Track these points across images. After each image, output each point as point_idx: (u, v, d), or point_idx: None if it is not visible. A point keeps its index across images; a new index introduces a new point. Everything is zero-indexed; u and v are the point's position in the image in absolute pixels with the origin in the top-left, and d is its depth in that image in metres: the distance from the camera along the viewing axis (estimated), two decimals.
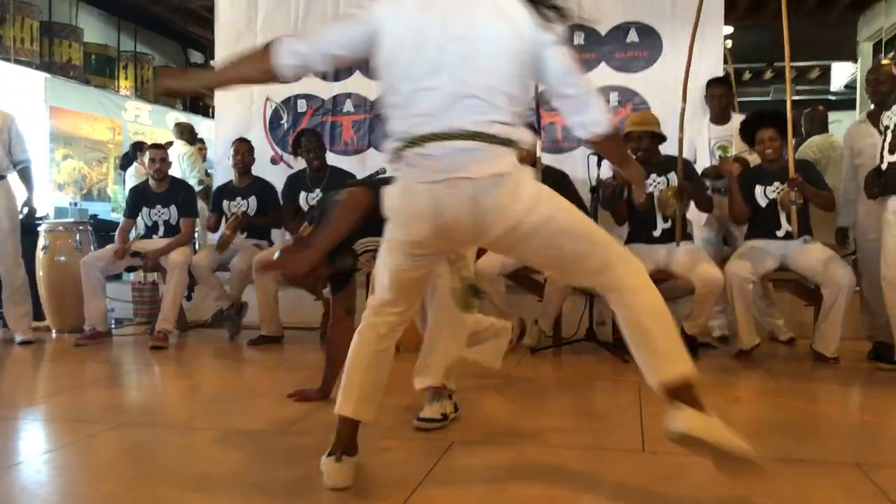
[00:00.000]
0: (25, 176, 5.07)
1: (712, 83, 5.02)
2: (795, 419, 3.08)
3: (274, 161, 6.02)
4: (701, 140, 5.03)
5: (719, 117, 4.99)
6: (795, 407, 3.25)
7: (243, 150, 5.35)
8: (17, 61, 7.94)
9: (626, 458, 2.46)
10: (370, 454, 2.49)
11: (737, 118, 4.90)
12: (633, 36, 5.55)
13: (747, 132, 4.49)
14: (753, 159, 4.61)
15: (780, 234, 4.33)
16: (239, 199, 5.31)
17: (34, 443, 2.78)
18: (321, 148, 5.15)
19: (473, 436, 2.72)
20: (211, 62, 7.47)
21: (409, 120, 1.99)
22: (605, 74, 5.57)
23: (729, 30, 8.17)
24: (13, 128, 5.04)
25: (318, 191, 5.04)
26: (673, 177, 4.40)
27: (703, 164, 4.94)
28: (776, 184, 4.32)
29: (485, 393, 3.60)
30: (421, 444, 2.61)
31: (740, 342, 4.25)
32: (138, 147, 8.44)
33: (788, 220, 4.29)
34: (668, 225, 4.44)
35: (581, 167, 4.97)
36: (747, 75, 6.32)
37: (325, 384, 3.22)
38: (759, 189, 4.38)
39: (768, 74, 12.32)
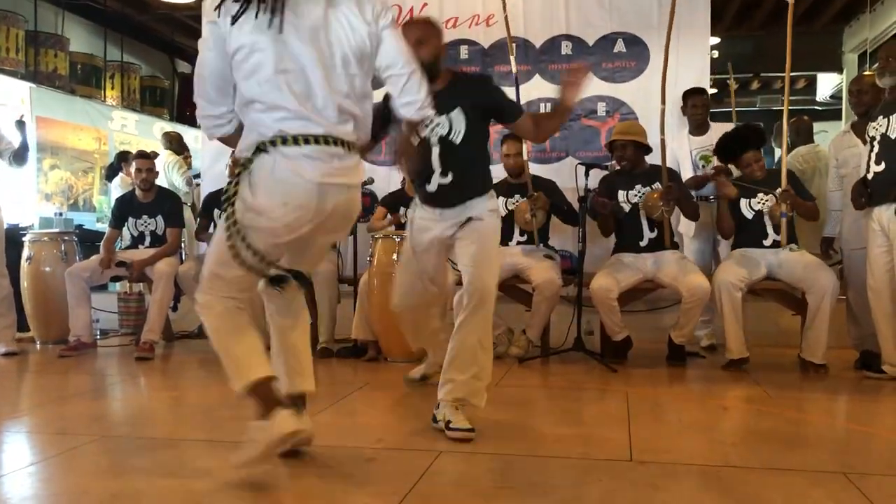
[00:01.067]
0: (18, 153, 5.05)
1: (690, 94, 5.05)
2: (783, 428, 3.08)
3: None
4: (682, 152, 5.05)
5: (699, 128, 5.02)
6: (783, 416, 3.25)
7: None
8: (2, 71, 7.90)
9: (614, 467, 2.45)
10: (357, 464, 2.48)
11: (716, 127, 4.93)
12: (620, 46, 5.59)
13: (725, 151, 4.53)
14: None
15: (767, 243, 4.35)
16: None
17: (18, 455, 2.74)
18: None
19: (461, 445, 2.71)
20: None
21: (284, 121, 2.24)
22: (592, 84, 5.57)
23: (715, 40, 8.24)
24: (1, 136, 5.02)
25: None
26: (658, 187, 4.42)
27: (687, 175, 4.96)
28: (760, 195, 4.35)
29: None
30: (408, 455, 2.60)
31: (729, 352, 4.25)
32: (123, 157, 8.40)
33: (776, 230, 4.31)
34: (655, 234, 4.46)
35: (568, 177, 4.99)
36: (734, 85, 6.43)
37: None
38: (743, 202, 4.40)
39: (755, 85, 12.43)
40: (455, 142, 2.96)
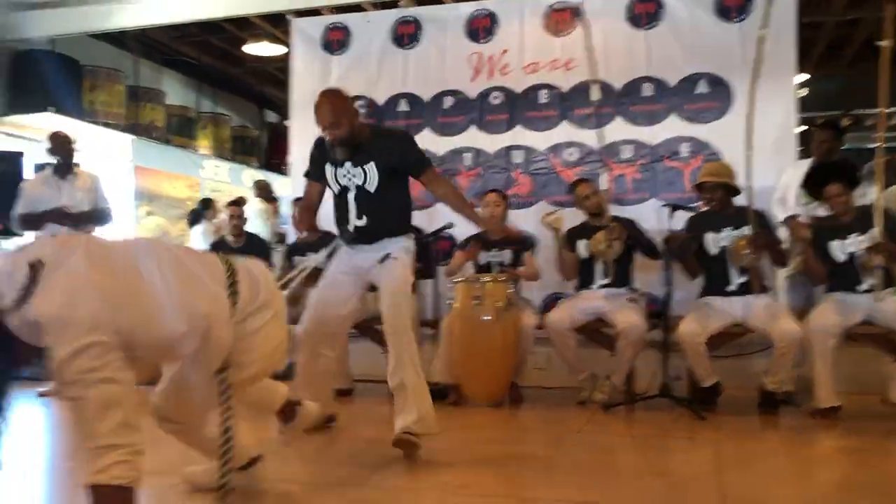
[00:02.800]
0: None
1: (819, 127, 4.93)
2: (878, 480, 2.92)
3: None
4: (794, 186, 4.87)
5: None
6: (879, 468, 3.09)
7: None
8: (105, 124, 8.37)
9: None
10: None
11: None
12: (702, 87, 5.52)
13: (812, 184, 4.39)
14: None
15: (861, 288, 4.17)
16: (310, 253, 5.42)
17: None
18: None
19: (546, 493, 2.67)
20: (285, 122, 7.73)
21: None
22: (674, 125, 5.54)
23: (802, 78, 8.05)
24: (98, 188, 5.30)
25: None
26: (748, 230, 4.29)
27: (792, 209, 4.80)
28: (851, 237, 4.19)
29: (556, 449, 3.55)
30: (493, 501, 2.58)
31: (818, 401, 4.07)
32: (206, 204, 8.77)
33: (870, 274, 4.13)
34: (744, 279, 4.33)
35: (652, 219, 4.92)
36: (846, 122, 6.28)
37: None
38: (836, 244, 4.23)
39: (844, 122, 12.07)
40: (370, 190, 3.36)
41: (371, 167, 3.35)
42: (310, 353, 3.53)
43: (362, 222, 3.39)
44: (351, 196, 3.39)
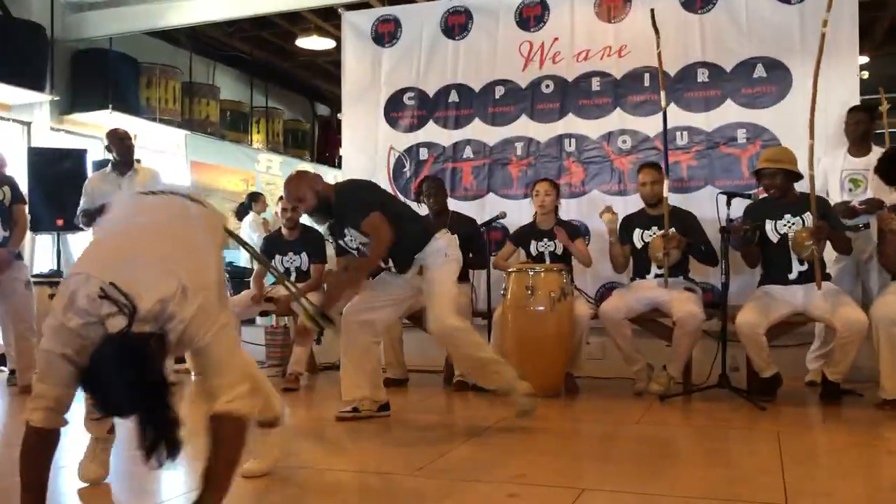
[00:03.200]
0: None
1: (852, 110, 4.79)
2: None
3: None
4: (833, 174, 4.79)
5: (858, 148, 4.74)
6: None
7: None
8: (162, 120, 8.54)
9: None
10: (499, 499, 2.47)
11: (878, 152, 4.64)
12: (760, 71, 5.39)
13: (886, 170, 4.24)
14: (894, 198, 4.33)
15: None
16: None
17: (174, 483, 2.90)
18: (441, 193, 5.26)
19: (604, 484, 2.66)
20: (338, 115, 7.79)
21: None
22: (731, 111, 5.42)
23: (864, 59, 7.80)
24: (158, 183, 5.41)
25: None
26: (808, 217, 4.18)
27: (834, 198, 4.70)
28: None
29: (613, 441, 3.53)
30: (551, 492, 2.58)
31: (883, 391, 3.96)
32: (254, 198, 8.90)
33: None
34: (805, 267, 4.22)
35: (708, 207, 4.84)
36: (886, 106, 6.02)
37: None
38: None
39: (885, 106, 11.61)
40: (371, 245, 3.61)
41: (349, 229, 3.68)
42: (355, 339, 3.81)
43: (391, 264, 3.79)
44: (364, 251, 3.70)
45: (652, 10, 4.68)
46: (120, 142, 5.34)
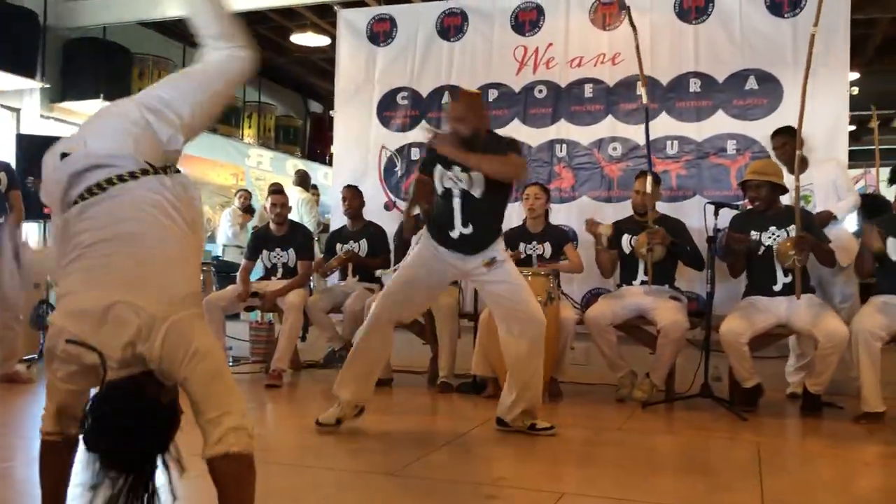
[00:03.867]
0: None
1: (774, 134, 4.81)
2: None
3: (387, 207, 6.17)
4: (818, 192, 4.80)
5: (793, 167, 4.74)
6: None
7: (350, 197, 5.54)
8: None
9: None
10: (478, 501, 2.48)
11: (815, 164, 4.71)
12: (751, 83, 5.42)
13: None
14: None
15: None
16: (351, 242, 5.48)
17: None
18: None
19: (584, 489, 2.67)
20: (331, 112, 7.78)
21: None
22: (722, 122, 5.45)
23: (855, 76, 7.87)
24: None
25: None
26: (793, 230, 4.21)
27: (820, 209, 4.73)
28: None
29: (595, 446, 3.54)
30: (530, 495, 2.58)
31: (865, 404, 3.99)
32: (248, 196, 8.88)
33: None
34: (790, 279, 4.25)
35: (696, 216, 4.87)
36: (876, 122, 6.10)
37: None
38: (892, 241, 4.15)
39: (873, 123, 11.70)
40: (475, 195, 3.37)
41: (477, 173, 3.35)
42: (376, 337, 3.58)
43: (468, 230, 3.39)
44: (456, 202, 3.40)
45: (628, 7, 4.65)
46: None
